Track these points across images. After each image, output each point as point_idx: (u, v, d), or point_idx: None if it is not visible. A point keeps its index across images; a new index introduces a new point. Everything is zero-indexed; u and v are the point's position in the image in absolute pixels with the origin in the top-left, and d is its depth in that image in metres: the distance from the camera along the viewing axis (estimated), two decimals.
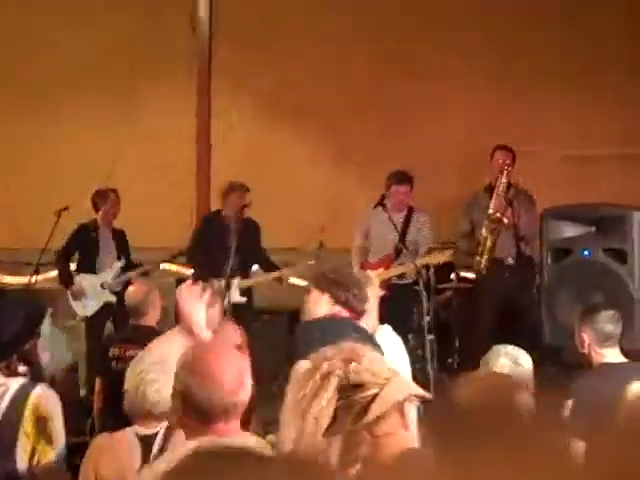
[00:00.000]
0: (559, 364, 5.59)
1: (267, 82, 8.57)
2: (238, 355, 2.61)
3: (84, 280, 7.30)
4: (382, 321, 4.90)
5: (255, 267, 7.38)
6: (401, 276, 6.70)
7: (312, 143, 8.49)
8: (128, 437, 3.12)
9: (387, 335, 4.65)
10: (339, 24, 8.41)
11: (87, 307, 7.31)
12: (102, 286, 7.32)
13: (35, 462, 3.07)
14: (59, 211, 7.53)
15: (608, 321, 4.08)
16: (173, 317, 4.26)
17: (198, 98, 8.83)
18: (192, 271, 7.41)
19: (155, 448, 3.05)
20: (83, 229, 7.43)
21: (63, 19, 9.06)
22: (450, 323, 7.21)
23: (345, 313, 3.72)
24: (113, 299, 7.23)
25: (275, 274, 7.11)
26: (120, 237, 7.54)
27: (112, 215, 7.47)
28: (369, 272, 6.50)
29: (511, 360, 3.67)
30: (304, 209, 8.18)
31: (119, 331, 6.52)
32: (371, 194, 6.84)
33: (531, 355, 3.90)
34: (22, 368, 3.33)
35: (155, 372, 3.13)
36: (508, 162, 6.26)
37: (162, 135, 8.87)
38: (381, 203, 6.44)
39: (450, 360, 7.04)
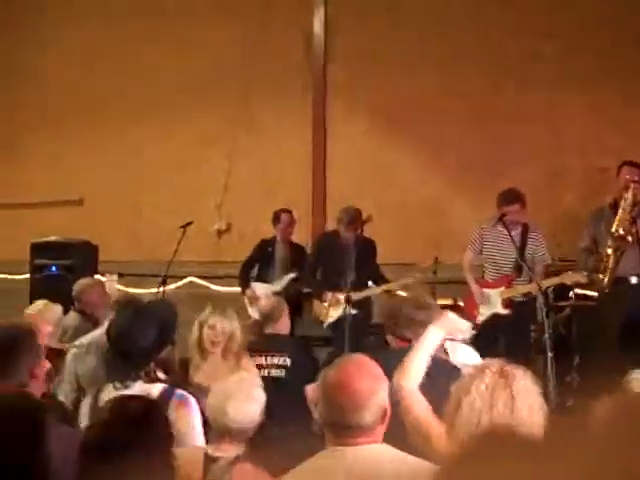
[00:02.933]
0: None
1: (382, 98, 8.59)
2: (371, 377, 2.58)
3: (258, 288, 7.72)
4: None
5: (370, 283, 7.47)
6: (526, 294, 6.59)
7: (426, 159, 8.47)
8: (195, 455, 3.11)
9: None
10: (455, 37, 8.39)
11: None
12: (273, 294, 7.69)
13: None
14: (184, 226, 7.83)
15: None
16: None
17: (313, 114, 8.94)
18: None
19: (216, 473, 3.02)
20: (263, 244, 7.94)
21: (180, 34, 9.32)
22: (569, 341, 7.13)
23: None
24: None
25: (384, 287, 7.18)
26: (297, 252, 7.89)
27: (288, 233, 7.90)
28: (488, 290, 6.57)
29: None
30: (418, 225, 8.19)
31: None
32: (483, 210, 6.82)
33: None
34: (162, 375, 3.41)
35: (239, 391, 3.19)
36: (635, 179, 6.09)
37: (278, 151, 9.03)
38: (501, 219, 6.42)
39: (569, 378, 6.96)
